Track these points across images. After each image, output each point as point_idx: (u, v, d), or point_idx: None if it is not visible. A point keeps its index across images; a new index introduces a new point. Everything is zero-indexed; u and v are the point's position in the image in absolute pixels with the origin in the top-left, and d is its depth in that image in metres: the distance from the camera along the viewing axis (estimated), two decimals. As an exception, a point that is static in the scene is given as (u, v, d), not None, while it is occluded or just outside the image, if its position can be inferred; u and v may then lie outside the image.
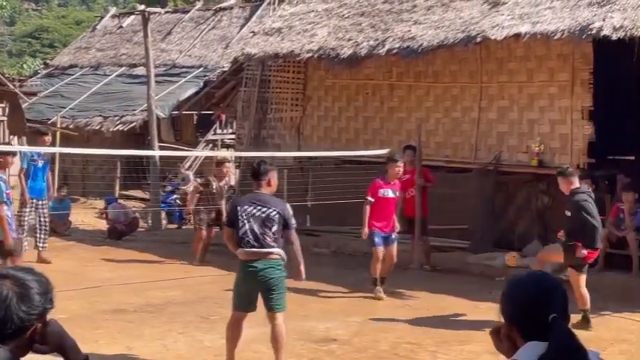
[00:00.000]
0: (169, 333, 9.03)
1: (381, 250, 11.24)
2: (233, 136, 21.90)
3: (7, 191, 10.24)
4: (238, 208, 7.57)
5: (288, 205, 7.73)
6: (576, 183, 9.52)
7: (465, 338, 8.95)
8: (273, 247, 7.47)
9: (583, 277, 9.42)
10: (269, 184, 7.65)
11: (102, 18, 32.74)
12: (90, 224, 19.47)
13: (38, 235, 13.35)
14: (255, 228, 7.44)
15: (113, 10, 34.81)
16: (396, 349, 8.49)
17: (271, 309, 7.51)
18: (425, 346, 8.60)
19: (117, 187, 22.54)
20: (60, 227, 17.49)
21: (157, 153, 18.38)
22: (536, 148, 13.20)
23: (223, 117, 24.10)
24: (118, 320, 9.65)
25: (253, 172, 7.73)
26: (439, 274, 12.89)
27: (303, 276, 7.82)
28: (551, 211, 13.60)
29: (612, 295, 11.17)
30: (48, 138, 13.24)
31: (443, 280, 12.26)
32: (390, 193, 11.37)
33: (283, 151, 16.81)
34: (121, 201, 19.69)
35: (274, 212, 7.49)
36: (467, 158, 14.42)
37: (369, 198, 11.35)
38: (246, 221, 7.46)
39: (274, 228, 7.47)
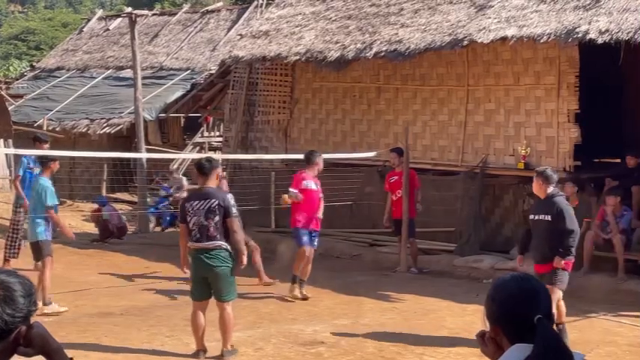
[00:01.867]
0: (156, 336, 9.00)
1: (309, 249, 11.37)
2: (220, 139, 21.89)
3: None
4: (186, 204, 8.22)
5: (229, 196, 8.33)
6: (546, 186, 8.62)
7: (451, 341, 8.96)
8: (216, 238, 8.05)
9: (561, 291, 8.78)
10: (216, 177, 8.28)
11: (89, 20, 32.64)
12: (77, 227, 19.38)
13: None
14: (201, 220, 8.06)
15: (100, 13, 34.71)
16: (382, 352, 8.50)
17: (219, 299, 8.17)
18: (412, 349, 8.61)
19: (104, 190, 22.48)
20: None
21: (144, 155, 18.33)
22: (523, 151, 13.24)
23: (210, 119, 24.08)
24: (104, 323, 9.62)
25: (202, 169, 8.27)
26: (426, 276, 12.91)
27: (243, 264, 8.33)
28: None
29: (598, 297, 11.22)
30: (47, 146, 13.19)
31: (430, 283, 12.28)
32: (312, 185, 11.46)
33: (270, 153, 16.81)
34: (112, 204, 19.63)
35: (215, 203, 8.06)
36: (454, 161, 14.45)
37: (292, 189, 11.45)
38: (193, 215, 8.10)
39: (216, 218, 8.05)
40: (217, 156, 21.23)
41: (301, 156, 15.60)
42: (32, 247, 10.71)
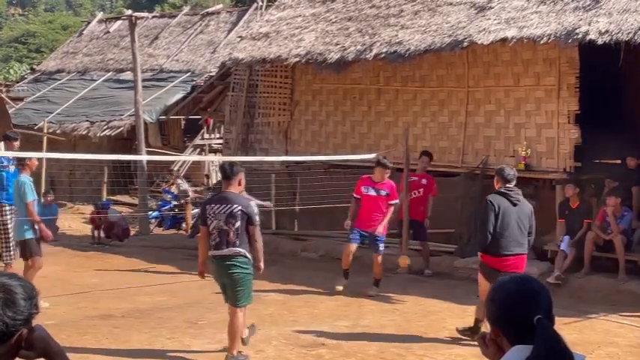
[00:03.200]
0: (157, 338, 9.00)
1: (351, 245, 11.38)
2: (220, 141, 21.90)
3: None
4: (207, 207, 8.09)
5: (253, 203, 8.25)
6: (499, 183, 8.74)
7: (452, 342, 8.96)
8: (235, 244, 7.90)
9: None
10: (239, 184, 8.14)
11: (89, 23, 32.68)
12: (77, 230, 19.41)
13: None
14: (220, 225, 7.91)
15: (100, 15, 34.77)
16: (384, 353, 8.49)
17: (232, 304, 7.99)
18: (413, 350, 8.60)
19: (104, 192, 22.48)
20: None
21: (144, 158, 18.35)
22: (523, 152, 13.25)
23: (211, 121, 24.10)
24: (105, 326, 9.62)
25: (225, 173, 8.18)
26: (427, 278, 12.91)
27: (261, 270, 8.25)
28: (538, 215, 13.63)
29: (599, 298, 11.22)
30: (17, 143, 13.17)
31: (430, 284, 12.28)
32: (371, 191, 11.38)
33: (271, 155, 16.81)
34: (115, 207, 19.72)
35: (237, 209, 7.91)
36: (454, 162, 14.45)
37: (355, 195, 11.52)
38: (213, 219, 7.95)
39: (237, 224, 7.89)
40: (217, 158, 21.29)
41: (301, 158, 15.70)
42: (20, 246, 10.79)
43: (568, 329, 9.09)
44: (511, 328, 2.54)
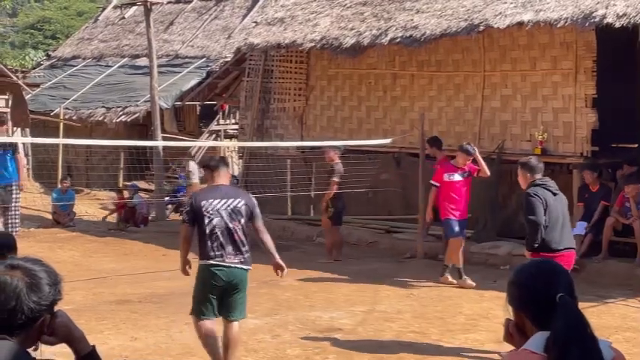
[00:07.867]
0: (174, 323, 9.04)
1: (461, 239, 11.26)
2: (236, 127, 21.93)
3: None
4: (203, 202, 6.95)
5: (251, 195, 7.41)
6: (528, 176, 7.97)
7: (469, 327, 8.96)
8: (244, 245, 6.99)
9: None
10: (227, 175, 7.37)
11: (104, 9, 32.73)
12: (94, 215, 19.51)
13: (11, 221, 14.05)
14: (224, 222, 6.91)
15: (115, 1, 34.73)
16: (400, 338, 8.50)
17: (231, 317, 7.02)
18: (429, 335, 8.61)
19: (120, 178, 22.58)
20: (63, 218, 17.61)
21: (160, 143, 18.40)
22: (540, 137, 13.18)
23: (226, 107, 24.12)
24: (122, 311, 9.67)
25: (211, 166, 7.28)
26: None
27: (285, 270, 7.26)
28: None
29: (617, 282, 11.19)
30: (5, 127, 13.47)
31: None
32: (456, 177, 11.37)
33: (286, 141, 16.82)
34: (141, 193, 19.85)
35: (241, 203, 7.02)
36: (470, 147, 14.38)
37: (434, 183, 11.42)
38: (213, 216, 6.92)
39: (242, 220, 6.98)
40: (233, 143, 21.33)
41: (317, 143, 15.61)
42: None
43: (585, 314, 9.04)
44: (534, 308, 2.56)
